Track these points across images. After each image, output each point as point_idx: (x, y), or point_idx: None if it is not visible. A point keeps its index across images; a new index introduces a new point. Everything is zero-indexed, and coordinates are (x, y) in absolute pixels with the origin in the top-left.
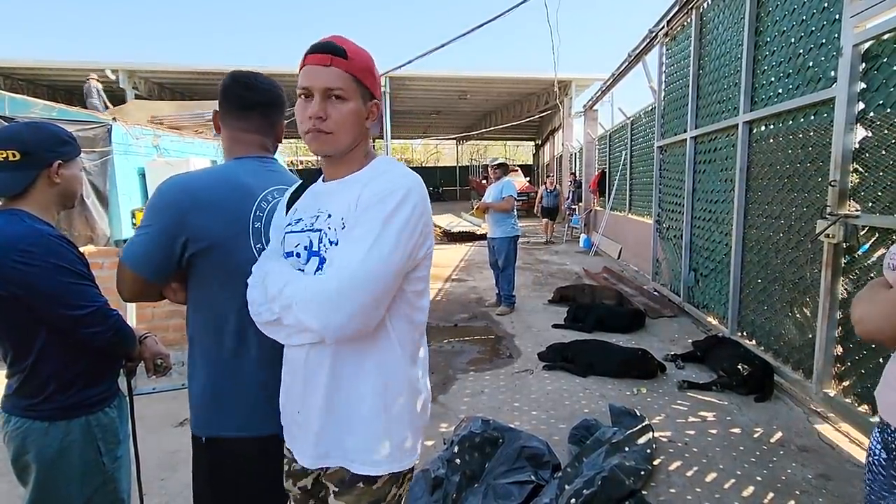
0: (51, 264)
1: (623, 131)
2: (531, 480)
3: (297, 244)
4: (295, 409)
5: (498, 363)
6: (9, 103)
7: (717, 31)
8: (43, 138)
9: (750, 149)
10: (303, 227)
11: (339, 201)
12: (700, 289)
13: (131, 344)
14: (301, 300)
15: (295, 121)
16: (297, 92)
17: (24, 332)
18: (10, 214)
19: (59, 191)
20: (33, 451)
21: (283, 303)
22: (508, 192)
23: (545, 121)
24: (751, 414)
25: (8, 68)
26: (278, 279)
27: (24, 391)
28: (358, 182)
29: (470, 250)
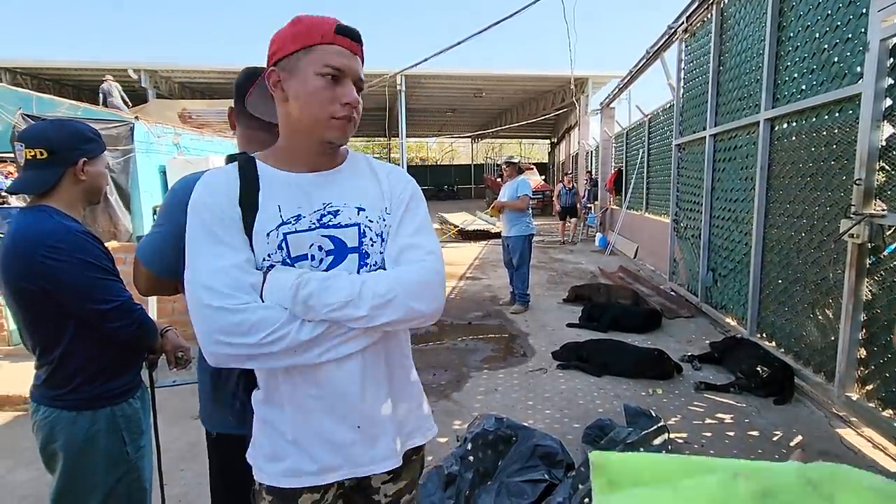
0: (78, 259)
1: (640, 129)
2: (544, 479)
3: (312, 244)
4: (353, 425)
5: (512, 361)
6: (36, 103)
7: (738, 27)
8: (68, 136)
9: (771, 146)
10: (312, 224)
11: (348, 194)
12: (718, 289)
13: (153, 337)
14: (406, 290)
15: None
16: (323, 71)
17: (53, 326)
18: (38, 211)
19: (84, 187)
20: (61, 439)
21: (374, 302)
22: (523, 190)
23: (561, 119)
24: (770, 417)
25: (35, 69)
26: (344, 284)
27: (52, 382)
28: (357, 174)
29: (484, 249)
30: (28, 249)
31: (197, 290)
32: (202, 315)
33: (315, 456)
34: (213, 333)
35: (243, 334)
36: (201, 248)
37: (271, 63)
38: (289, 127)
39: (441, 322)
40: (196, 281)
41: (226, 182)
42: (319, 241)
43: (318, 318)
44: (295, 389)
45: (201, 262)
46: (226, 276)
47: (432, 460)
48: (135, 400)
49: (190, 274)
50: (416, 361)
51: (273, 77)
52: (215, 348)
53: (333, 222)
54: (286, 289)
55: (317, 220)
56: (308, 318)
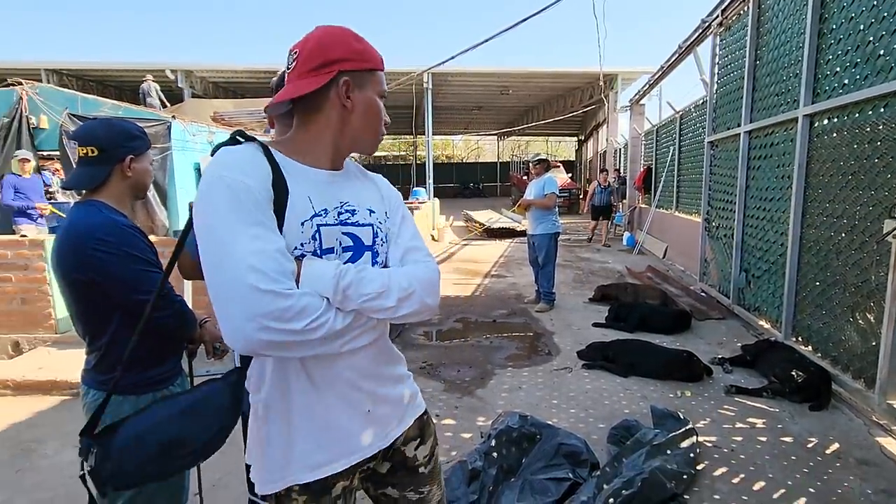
0: (124, 252)
1: (671, 126)
2: (568, 478)
3: (336, 239)
4: (364, 410)
5: (536, 360)
6: (81, 103)
7: (776, 20)
8: (116, 135)
9: (810, 143)
10: (334, 220)
11: (357, 194)
12: (751, 290)
13: (192, 328)
14: (421, 286)
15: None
16: (381, 93)
17: (101, 315)
18: (89, 205)
19: (131, 183)
20: (107, 422)
21: (400, 295)
22: (550, 188)
23: (589, 116)
24: (804, 423)
25: (80, 70)
26: (375, 276)
27: (100, 367)
28: (358, 178)
29: (509, 247)
30: (79, 242)
31: (239, 270)
32: (243, 296)
33: (342, 442)
34: (257, 317)
35: (289, 320)
36: (237, 227)
37: (337, 69)
38: (337, 131)
39: (466, 319)
40: (238, 260)
41: (255, 162)
42: (341, 237)
43: (349, 309)
44: (311, 382)
45: (241, 241)
46: (271, 260)
47: (456, 455)
48: (175, 387)
49: (223, 252)
50: (441, 358)
51: (343, 84)
52: (257, 333)
53: (351, 220)
54: (328, 278)
55: (338, 216)
56: (342, 307)
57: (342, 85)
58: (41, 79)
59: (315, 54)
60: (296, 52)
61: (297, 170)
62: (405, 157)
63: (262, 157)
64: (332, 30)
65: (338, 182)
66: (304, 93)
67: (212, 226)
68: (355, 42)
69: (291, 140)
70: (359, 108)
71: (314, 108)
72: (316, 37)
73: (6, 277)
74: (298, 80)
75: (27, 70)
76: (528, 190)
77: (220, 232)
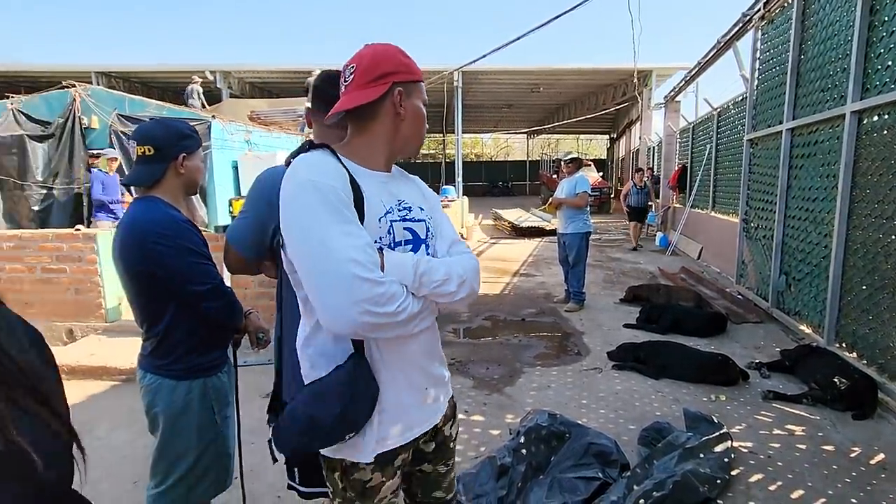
0: (181, 245)
1: (708, 123)
2: (598, 477)
3: (401, 233)
4: (423, 387)
5: (565, 359)
6: (128, 104)
7: (823, 12)
8: (170, 134)
9: (858, 141)
10: (398, 217)
11: (408, 193)
12: (792, 294)
13: (240, 318)
14: (471, 274)
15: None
16: (424, 101)
17: (158, 305)
18: (148, 201)
19: (184, 180)
20: (161, 405)
21: (458, 281)
22: (582, 187)
23: (621, 113)
24: (847, 432)
25: (127, 73)
26: (439, 265)
27: (157, 353)
28: (404, 179)
29: (538, 245)
30: (142, 236)
31: (342, 262)
32: (348, 285)
33: (405, 417)
34: (360, 302)
35: (384, 304)
36: (331, 226)
37: (392, 80)
38: (391, 136)
39: (494, 317)
40: (340, 253)
41: (336, 167)
42: (404, 232)
43: (421, 294)
44: (383, 362)
45: (338, 236)
46: (366, 252)
47: (485, 451)
48: (223, 374)
49: (325, 247)
50: (470, 355)
51: (397, 93)
52: (360, 317)
53: (410, 216)
54: (408, 267)
55: (399, 213)
56: (416, 293)
57: (396, 94)
58: (91, 81)
59: (371, 68)
60: (353, 66)
61: (361, 172)
62: (434, 155)
63: (336, 161)
64: (382, 47)
65: (392, 182)
66: (367, 101)
67: (308, 225)
68: (403, 57)
69: (351, 145)
70: (409, 114)
71: (371, 115)
72: (370, 53)
73: (61, 269)
74: (357, 91)
75: (79, 73)
76: (559, 188)
77: (318, 230)
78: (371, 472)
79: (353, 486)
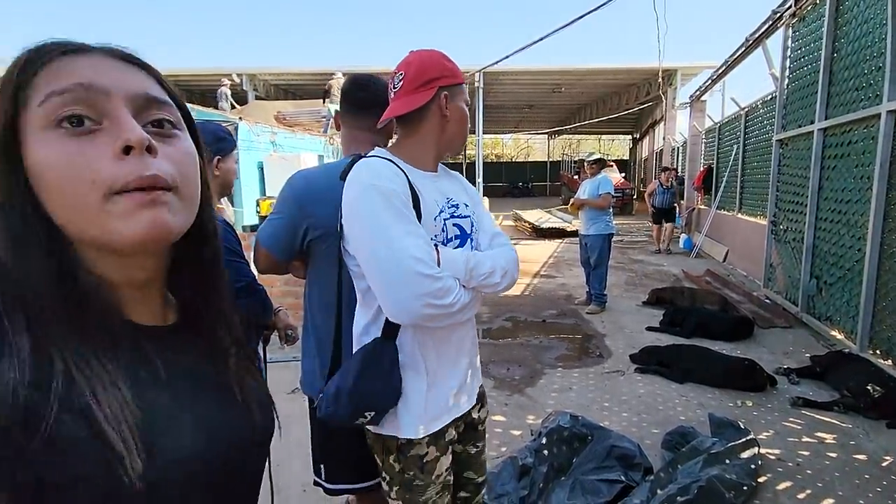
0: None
1: (735, 123)
2: (621, 480)
3: (451, 229)
4: (466, 370)
5: (587, 361)
6: None
7: (857, 9)
8: (205, 137)
9: (894, 142)
10: (448, 214)
11: (454, 191)
12: (823, 298)
13: (270, 315)
14: (511, 265)
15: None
16: (467, 103)
17: None
18: None
19: (219, 182)
20: None
21: (501, 273)
22: (605, 188)
23: (645, 113)
24: (881, 441)
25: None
26: (485, 259)
27: None
28: (448, 176)
29: (559, 246)
30: None
31: (406, 259)
32: (413, 280)
33: (453, 396)
34: (423, 296)
35: (442, 297)
36: (394, 226)
37: (437, 86)
38: (439, 137)
39: (515, 318)
40: (404, 251)
41: (395, 171)
42: (453, 228)
43: (471, 286)
44: (438, 348)
45: (401, 236)
46: (425, 250)
47: (506, 451)
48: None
49: (390, 246)
50: (490, 356)
51: (443, 97)
52: (423, 309)
53: (458, 213)
54: (460, 262)
55: (449, 210)
56: (466, 285)
57: (442, 98)
58: None
59: (419, 75)
60: (401, 73)
61: (415, 173)
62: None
63: (394, 165)
64: (427, 53)
65: (440, 181)
66: (418, 106)
67: (373, 226)
68: (447, 61)
69: (402, 147)
70: (454, 116)
71: (419, 119)
72: (417, 60)
73: None
74: (406, 96)
75: None
76: (581, 189)
77: (383, 230)
78: (427, 445)
79: (411, 463)
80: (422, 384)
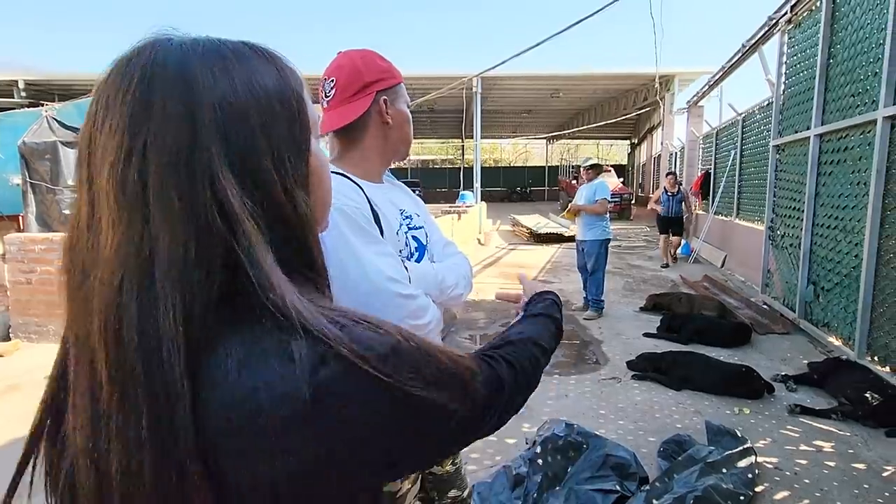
0: None
1: (732, 129)
2: (616, 490)
3: (411, 242)
4: None
5: (583, 368)
6: None
7: (853, 15)
8: None
9: (891, 147)
10: (406, 227)
11: (403, 202)
12: (820, 304)
13: None
14: (469, 274)
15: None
16: (407, 103)
17: None
18: None
19: None
20: None
21: (464, 283)
22: (602, 194)
23: (643, 118)
24: (880, 449)
25: None
26: (448, 271)
27: None
28: (395, 186)
29: (557, 252)
30: None
31: (383, 282)
32: (393, 303)
33: None
34: (405, 319)
35: (421, 316)
36: (365, 247)
37: (375, 90)
38: (383, 145)
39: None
40: (379, 274)
41: (352, 187)
42: (411, 241)
43: (439, 300)
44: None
45: (372, 258)
46: (399, 269)
47: (500, 459)
48: None
49: (363, 268)
50: None
51: (382, 103)
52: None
53: (412, 225)
54: (431, 277)
55: (405, 223)
56: (436, 300)
57: (382, 103)
58: None
59: (353, 79)
60: (332, 80)
61: (368, 187)
62: (453, 160)
63: (350, 181)
64: (359, 54)
65: (389, 192)
66: (356, 117)
67: (342, 249)
68: (381, 61)
69: (345, 160)
70: (397, 121)
71: (360, 128)
72: (348, 63)
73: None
74: (342, 106)
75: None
76: (578, 194)
77: (352, 253)
78: (400, 481)
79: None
80: None
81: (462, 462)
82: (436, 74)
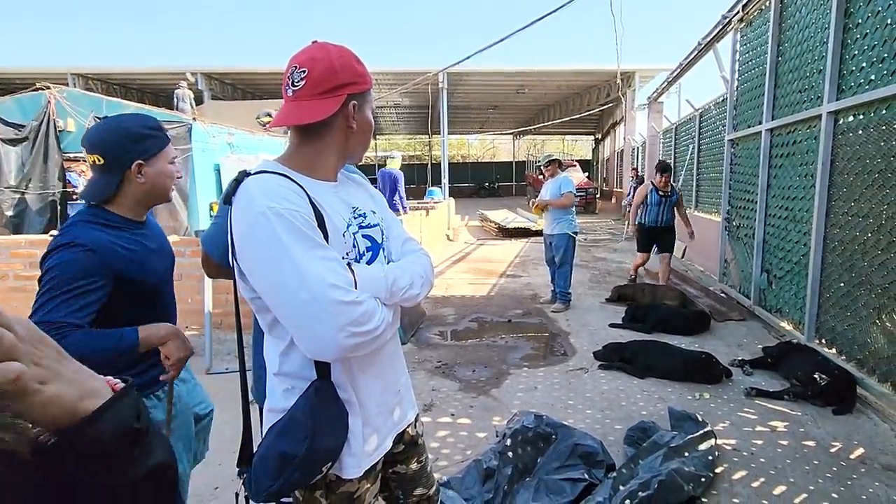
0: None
1: (690, 124)
2: (584, 478)
3: (362, 243)
4: (396, 391)
5: (552, 360)
6: (106, 106)
7: (799, 14)
8: (117, 139)
9: (834, 141)
10: (357, 226)
11: (359, 199)
12: (773, 291)
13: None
14: (428, 273)
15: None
16: (373, 109)
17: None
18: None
19: (146, 189)
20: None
21: (420, 282)
22: (566, 188)
23: (606, 114)
24: (828, 427)
25: (105, 74)
26: (402, 271)
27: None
28: (350, 183)
29: (525, 246)
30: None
31: (321, 288)
32: (334, 311)
33: (388, 421)
34: (346, 326)
35: (365, 323)
36: (304, 251)
37: (346, 93)
38: (342, 147)
39: (481, 319)
40: (317, 280)
41: (292, 187)
42: (363, 241)
43: (392, 303)
44: (364, 373)
45: (312, 263)
46: (341, 274)
47: (471, 454)
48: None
49: (301, 275)
50: (456, 357)
51: (351, 108)
52: (347, 340)
53: (366, 223)
54: (380, 280)
55: (357, 222)
56: (388, 302)
57: (350, 108)
58: (68, 83)
59: (327, 77)
60: (304, 70)
61: (314, 186)
62: (420, 157)
63: (289, 181)
64: (337, 51)
65: (342, 191)
66: (323, 118)
67: (278, 256)
68: (357, 64)
69: (296, 157)
70: (360, 127)
71: (322, 127)
72: (325, 59)
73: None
74: (310, 101)
75: (55, 75)
76: (543, 190)
77: (289, 258)
78: (358, 482)
79: (341, 499)
80: (357, 421)
81: (428, 459)
82: (402, 70)
